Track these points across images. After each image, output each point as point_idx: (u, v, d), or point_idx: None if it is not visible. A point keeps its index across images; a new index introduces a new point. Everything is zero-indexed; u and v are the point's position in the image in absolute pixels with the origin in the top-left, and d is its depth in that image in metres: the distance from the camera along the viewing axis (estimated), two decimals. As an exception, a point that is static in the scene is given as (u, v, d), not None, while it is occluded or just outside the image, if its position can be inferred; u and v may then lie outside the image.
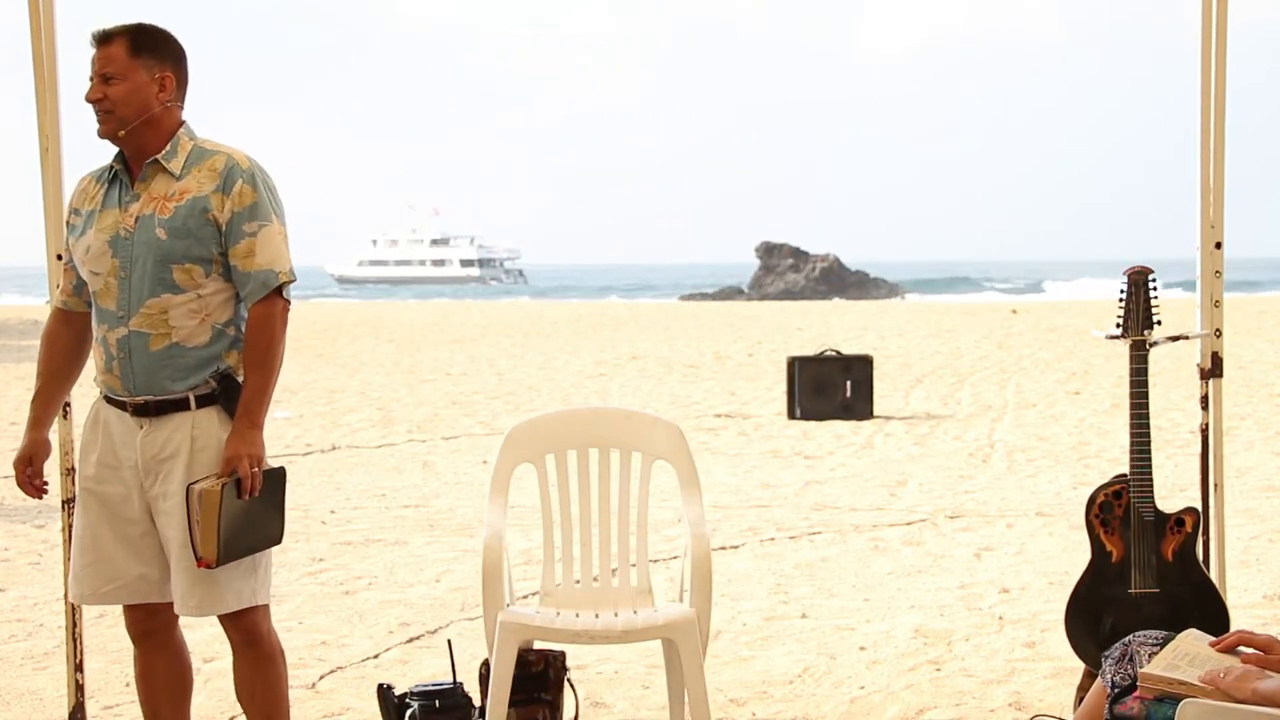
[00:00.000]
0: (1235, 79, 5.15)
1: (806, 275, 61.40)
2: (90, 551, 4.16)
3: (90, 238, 4.11)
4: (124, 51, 4.06)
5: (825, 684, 5.76)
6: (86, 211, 4.16)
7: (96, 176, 4.21)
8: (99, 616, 6.84)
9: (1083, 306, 32.66)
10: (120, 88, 4.05)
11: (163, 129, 4.10)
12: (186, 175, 4.09)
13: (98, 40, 4.10)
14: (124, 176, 4.13)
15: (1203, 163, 5.17)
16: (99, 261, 4.10)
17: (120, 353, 4.11)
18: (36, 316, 29.34)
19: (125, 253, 4.06)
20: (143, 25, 4.13)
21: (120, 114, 4.06)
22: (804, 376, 14.45)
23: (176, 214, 4.05)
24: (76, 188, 4.24)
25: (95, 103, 4.08)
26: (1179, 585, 4.97)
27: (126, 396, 4.11)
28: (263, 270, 4.07)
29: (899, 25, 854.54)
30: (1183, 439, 12.18)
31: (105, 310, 4.12)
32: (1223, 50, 5.13)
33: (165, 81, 4.09)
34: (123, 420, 4.13)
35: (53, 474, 4.45)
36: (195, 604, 4.11)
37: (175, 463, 4.07)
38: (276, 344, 4.10)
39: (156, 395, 4.08)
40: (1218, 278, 5.21)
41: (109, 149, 4.17)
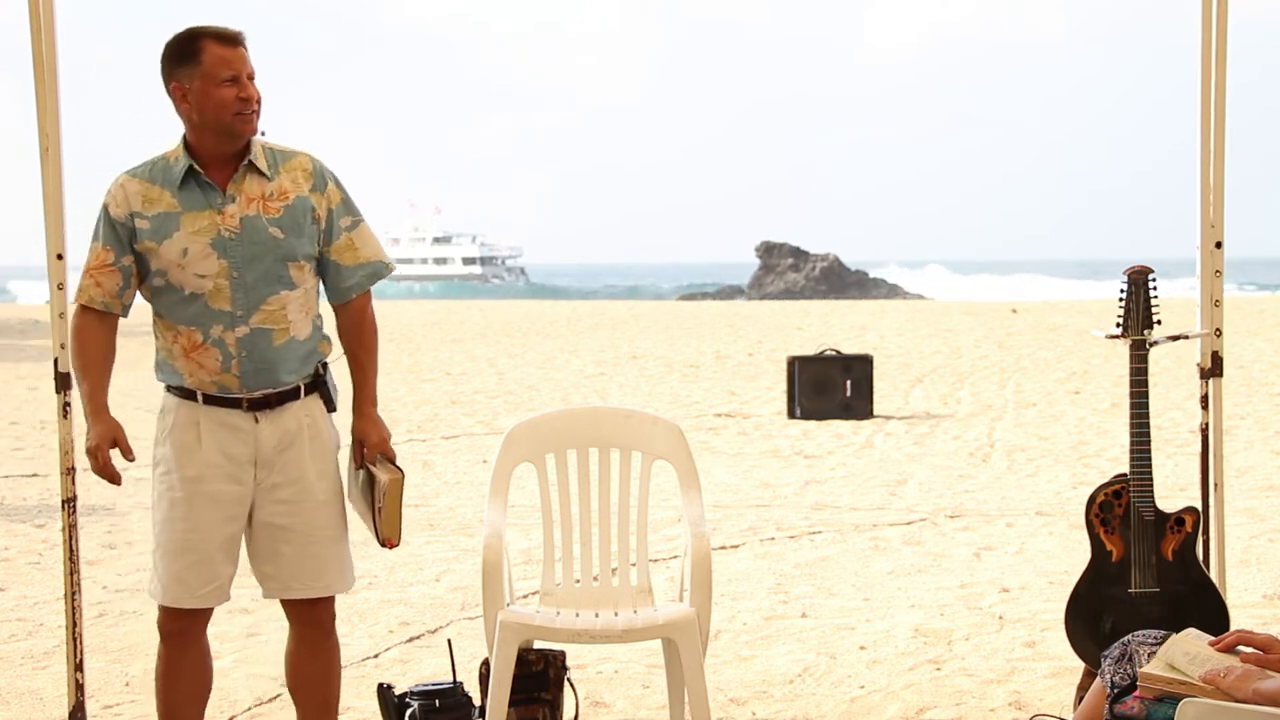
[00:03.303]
0: (1236, 77, 5.15)
1: (806, 275, 61.39)
2: (193, 552, 4.20)
3: (183, 240, 4.11)
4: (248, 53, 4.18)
5: (825, 683, 5.76)
6: (156, 214, 4.13)
7: (147, 178, 4.17)
8: (99, 616, 6.85)
9: (1083, 306, 32.64)
10: (258, 88, 4.19)
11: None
12: (277, 176, 4.19)
13: (235, 41, 4.14)
14: (204, 178, 4.14)
15: (1203, 162, 5.17)
16: (204, 264, 4.12)
17: (241, 351, 4.16)
18: (36, 316, 29.32)
19: (236, 253, 4.13)
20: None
21: (259, 113, 4.17)
22: (804, 376, 14.45)
23: (286, 214, 4.18)
24: (121, 191, 4.16)
25: (250, 101, 4.15)
26: (1179, 585, 4.97)
27: (243, 393, 4.17)
28: (370, 263, 4.30)
29: (899, 25, 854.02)
30: (1183, 439, 12.18)
31: (217, 311, 4.14)
32: (1223, 48, 5.13)
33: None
34: (233, 416, 4.19)
35: (52, 474, 4.47)
36: (325, 584, 4.27)
37: (295, 451, 4.23)
38: (377, 331, 4.43)
39: (274, 388, 4.19)
40: (1218, 277, 5.21)
41: (109, 149, 4.19)
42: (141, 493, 10.64)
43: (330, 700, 4.42)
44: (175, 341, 4.21)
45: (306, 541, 4.23)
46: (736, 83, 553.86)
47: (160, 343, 4.26)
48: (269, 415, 4.19)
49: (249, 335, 4.16)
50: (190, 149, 4.17)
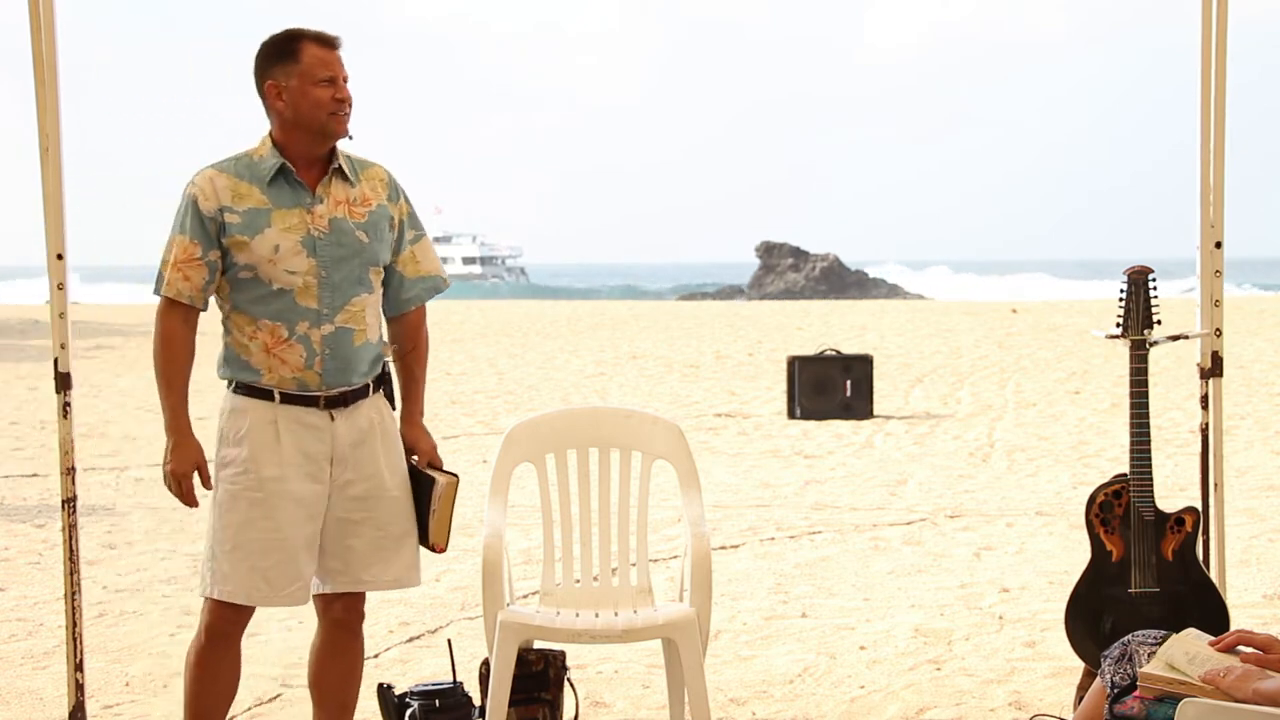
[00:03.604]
0: (1236, 77, 5.15)
1: (806, 275, 61.37)
2: (279, 551, 4.18)
3: (275, 237, 4.14)
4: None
5: (825, 683, 5.76)
6: (246, 209, 4.14)
7: (234, 173, 4.16)
8: (99, 616, 6.85)
9: (1083, 306, 32.65)
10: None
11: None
12: (359, 183, 4.27)
13: (333, 44, 4.21)
14: (295, 177, 4.18)
15: (1203, 162, 5.17)
16: (294, 261, 4.15)
17: (324, 349, 4.20)
18: (36, 316, 29.32)
19: (325, 253, 4.18)
20: None
21: (350, 115, 4.22)
22: (804, 376, 14.45)
23: (370, 220, 4.26)
24: (210, 185, 4.15)
25: (345, 102, 4.19)
26: (1179, 585, 4.97)
27: (321, 391, 4.20)
28: (431, 276, 4.41)
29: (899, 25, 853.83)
30: (1183, 439, 12.18)
31: (304, 308, 4.17)
32: (1223, 48, 5.13)
33: None
34: (309, 415, 4.20)
35: (52, 474, 4.46)
36: (394, 577, 4.32)
37: (367, 447, 4.26)
38: (429, 343, 4.52)
39: (349, 387, 4.23)
40: (1218, 277, 5.21)
41: (109, 149, 4.20)
42: (142, 493, 10.71)
43: (351, 701, 4.44)
44: (254, 337, 4.20)
45: (378, 536, 4.28)
46: (736, 83, 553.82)
47: (234, 338, 4.24)
48: (343, 413, 4.23)
49: (333, 334, 4.21)
50: (279, 148, 4.19)
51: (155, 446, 13.44)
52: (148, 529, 9.02)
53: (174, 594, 7.37)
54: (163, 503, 9.95)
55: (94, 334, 25.44)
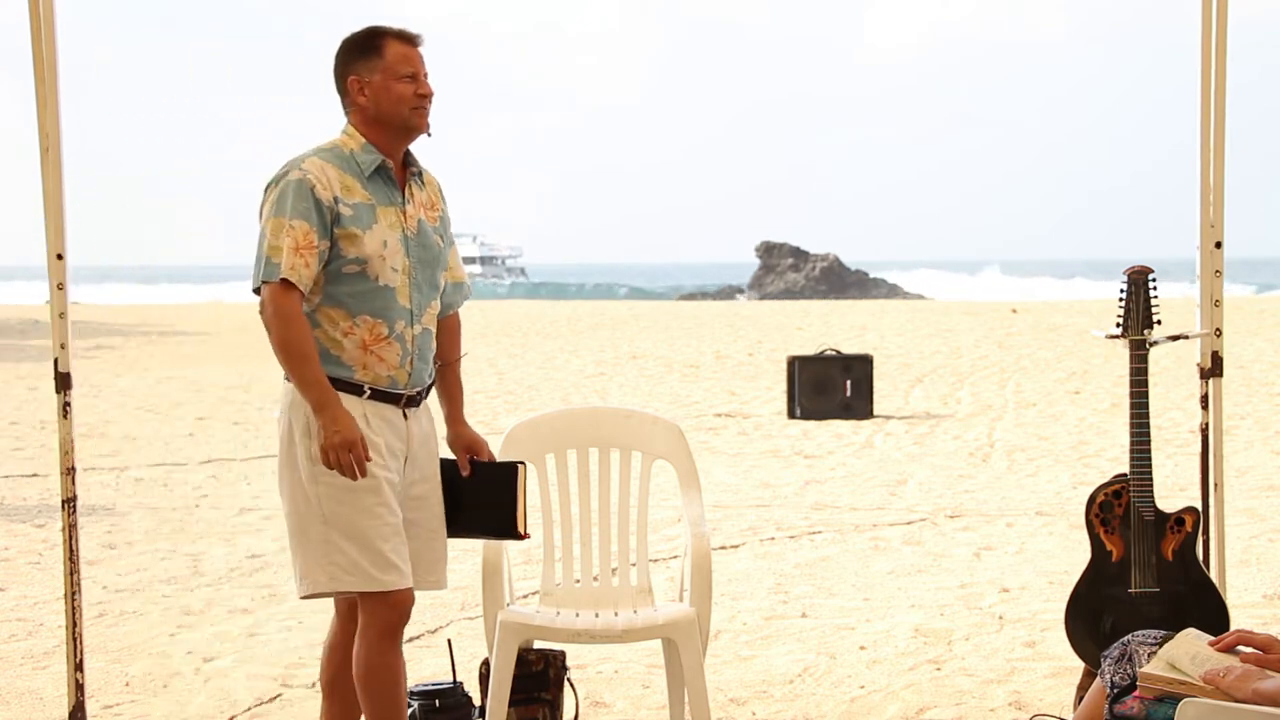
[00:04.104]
0: (1236, 77, 5.15)
1: (806, 275, 61.39)
2: (397, 535, 4.13)
3: (383, 232, 4.13)
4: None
5: (825, 683, 5.76)
6: (355, 203, 4.11)
7: (338, 165, 4.13)
8: (99, 616, 6.85)
9: (1083, 306, 32.65)
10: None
11: None
12: (425, 187, 4.32)
13: (415, 41, 4.21)
14: (391, 175, 4.19)
15: (1203, 162, 5.17)
16: (397, 258, 4.17)
17: (414, 348, 4.22)
18: (36, 316, 29.32)
19: (415, 253, 4.21)
20: None
21: (429, 110, 4.24)
22: (804, 376, 14.45)
23: (441, 224, 4.35)
24: (324, 174, 4.08)
25: (427, 97, 4.21)
26: (1179, 585, 4.97)
27: (405, 390, 4.20)
28: (464, 282, 4.47)
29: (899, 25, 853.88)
30: (1183, 439, 12.18)
31: (400, 307, 4.17)
32: (1223, 48, 5.13)
33: None
34: (390, 412, 4.19)
35: (52, 474, 4.45)
36: (437, 578, 4.36)
37: (429, 447, 4.31)
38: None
39: (423, 386, 4.27)
40: (1218, 277, 5.21)
41: (109, 149, 4.19)
42: (142, 493, 10.71)
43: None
44: (350, 334, 4.13)
45: (431, 536, 4.30)
46: (736, 83, 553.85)
47: (326, 332, 4.13)
48: (414, 413, 4.25)
49: (421, 334, 4.24)
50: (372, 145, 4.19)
51: (155, 446, 13.48)
52: (148, 529, 9.02)
53: (174, 594, 7.38)
54: (162, 503, 9.95)
55: (94, 334, 25.43)
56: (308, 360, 4.08)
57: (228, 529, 9.04)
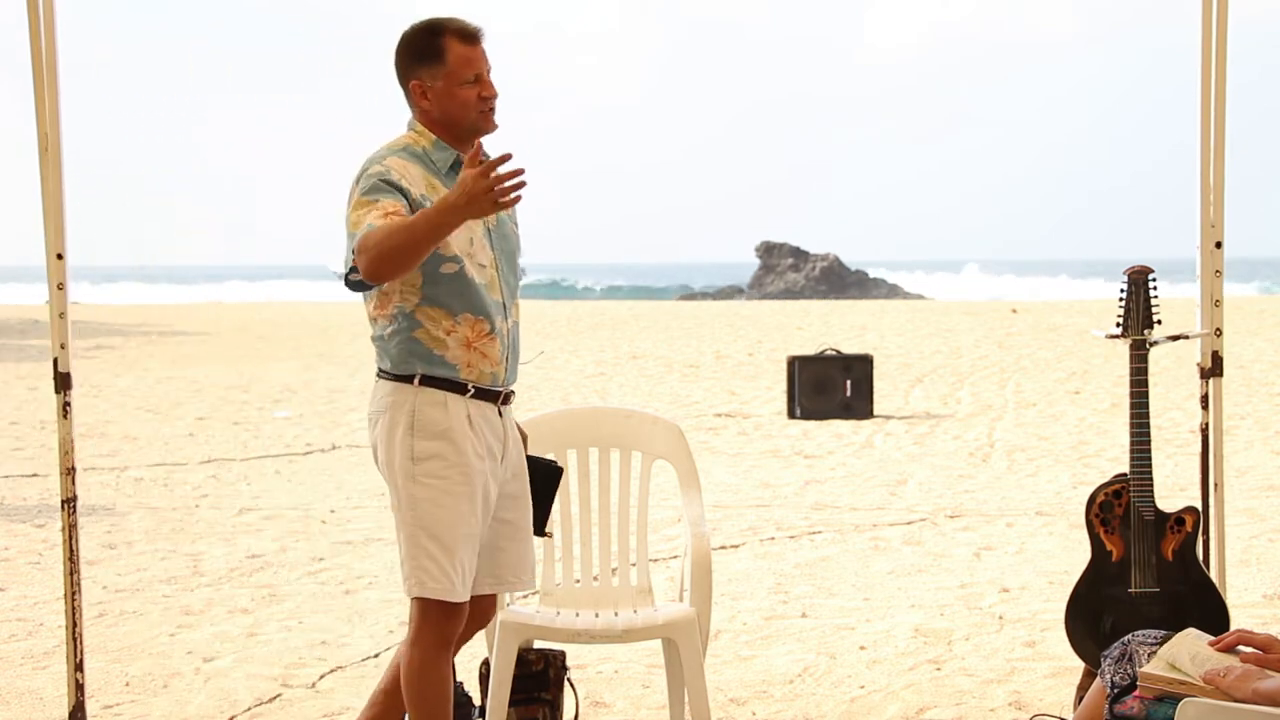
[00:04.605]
0: (1236, 77, 5.15)
1: (806, 275, 61.36)
2: (477, 543, 4.12)
3: (469, 227, 4.06)
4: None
5: (825, 683, 5.76)
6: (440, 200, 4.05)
7: (417, 161, 4.07)
8: (99, 616, 6.85)
9: (1083, 306, 32.65)
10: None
11: None
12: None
13: (476, 38, 4.12)
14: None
15: (1203, 162, 5.17)
16: (484, 253, 4.13)
17: (510, 342, 4.20)
18: (36, 316, 29.32)
19: (498, 245, 4.18)
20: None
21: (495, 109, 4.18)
22: (804, 376, 14.45)
23: (513, 216, 4.29)
24: (406, 171, 4.02)
25: (492, 100, 4.14)
26: (1179, 584, 4.97)
27: (501, 387, 4.19)
28: (522, 268, 4.40)
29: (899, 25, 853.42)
30: (1183, 438, 12.18)
31: (495, 302, 4.14)
32: (1223, 48, 5.13)
33: None
34: (489, 410, 4.16)
35: (52, 474, 4.44)
36: (528, 579, 4.34)
37: (518, 444, 4.30)
38: None
39: (514, 383, 4.25)
40: (1218, 277, 5.21)
41: (109, 149, 4.17)
42: (141, 493, 10.70)
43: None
44: (452, 332, 4.08)
45: (523, 536, 4.28)
46: (736, 83, 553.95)
47: (429, 332, 4.05)
48: (506, 410, 4.23)
49: (513, 328, 4.22)
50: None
51: (155, 446, 13.49)
52: (148, 529, 9.02)
53: (174, 594, 7.38)
54: (162, 503, 9.95)
55: (94, 334, 25.43)
56: (404, 223, 3.80)
57: (228, 529, 9.04)
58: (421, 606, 4.08)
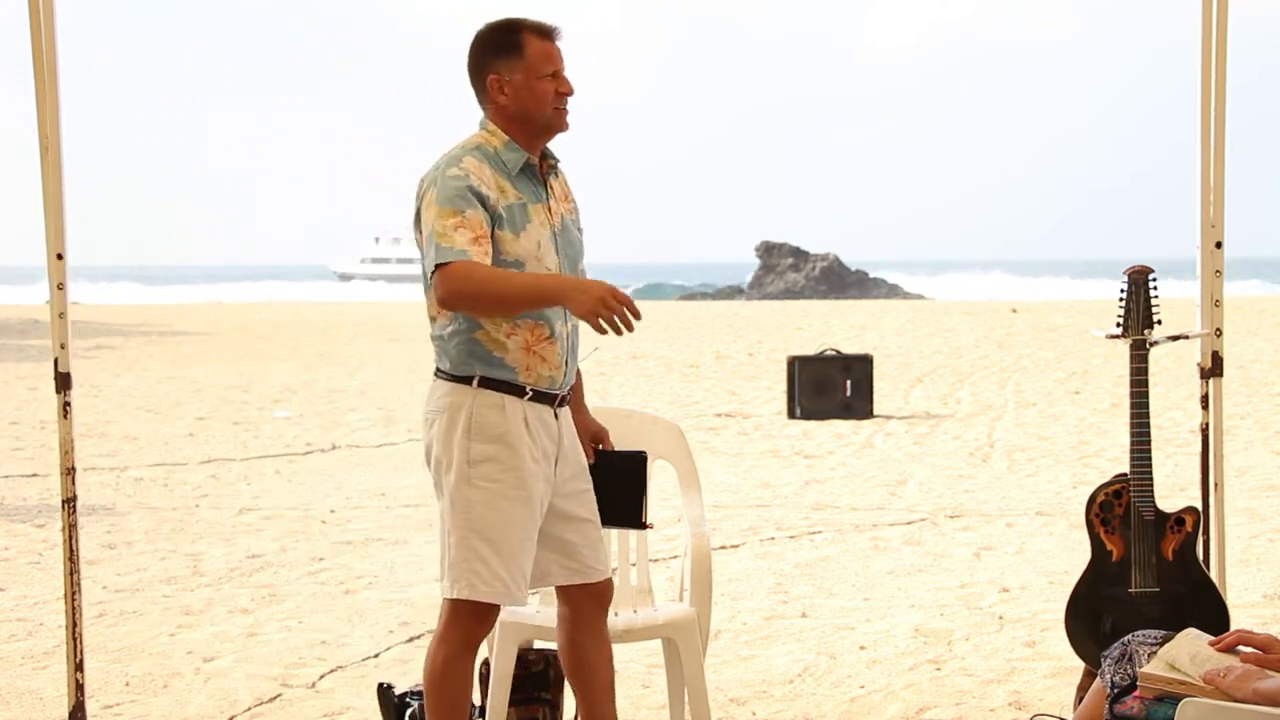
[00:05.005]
0: (1236, 77, 5.15)
1: (806, 275, 61.36)
2: (531, 551, 4.12)
3: (535, 231, 4.07)
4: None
5: (825, 683, 5.77)
6: (509, 205, 4.05)
7: (488, 161, 4.06)
8: (99, 616, 6.85)
9: (1083, 306, 32.65)
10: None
11: None
12: (560, 178, 4.27)
13: (554, 35, 4.13)
14: (535, 171, 4.14)
15: (1203, 162, 5.17)
16: (549, 257, 4.11)
17: (570, 346, 4.20)
18: (36, 316, 29.33)
19: (563, 250, 4.16)
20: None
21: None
22: (804, 376, 14.45)
23: (576, 215, 4.29)
24: (480, 173, 4.02)
25: (568, 96, 4.15)
26: (1179, 584, 4.97)
27: (560, 389, 4.18)
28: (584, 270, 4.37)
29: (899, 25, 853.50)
30: (1183, 438, 12.18)
31: (557, 306, 4.11)
32: (1223, 48, 5.13)
33: None
34: (546, 413, 4.14)
35: (52, 474, 4.43)
36: (607, 565, 4.33)
37: (575, 441, 4.27)
38: None
39: (571, 385, 4.25)
40: (1218, 277, 5.21)
41: (109, 149, 4.17)
42: (141, 493, 10.70)
43: (613, 682, 4.38)
44: (513, 335, 4.06)
45: (594, 528, 4.27)
46: (736, 83, 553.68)
47: (489, 334, 4.04)
48: (562, 411, 4.22)
49: (573, 332, 4.21)
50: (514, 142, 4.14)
51: (155, 446, 13.48)
52: (148, 529, 9.02)
53: (174, 594, 7.38)
54: (162, 503, 9.95)
55: (94, 334, 25.43)
56: (509, 279, 3.93)
57: (228, 529, 9.04)
58: (453, 607, 4.08)
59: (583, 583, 4.27)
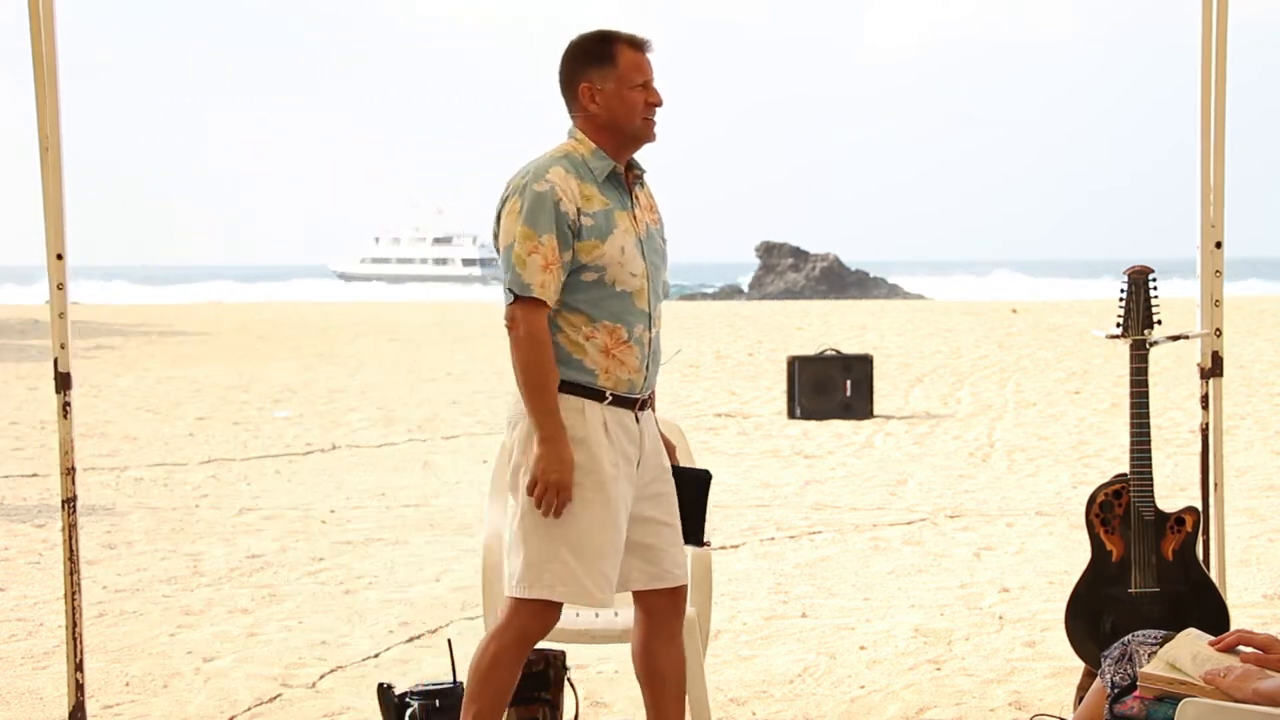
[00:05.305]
0: (1236, 77, 5.15)
1: (806, 275, 61.35)
2: (616, 554, 4.14)
3: (620, 238, 4.12)
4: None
5: (825, 683, 5.77)
6: (595, 211, 4.10)
7: (577, 174, 4.12)
8: (99, 616, 6.85)
9: (1083, 306, 32.65)
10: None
11: None
12: (646, 188, 4.31)
13: (646, 47, 4.22)
14: (622, 179, 4.19)
15: (1203, 162, 5.17)
16: (635, 263, 4.15)
17: (651, 351, 4.22)
18: (36, 316, 29.33)
19: (648, 257, 4.21)
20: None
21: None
22: (804, 376, 14.45)
23: (661, 224, 4.33)
24: (566, 186, 4.07)
25: (657, 107, 4.21)
26: (1179, 585, 4.97)
27: (640, 394, 4.21)
28: (667, 282, 4.40)
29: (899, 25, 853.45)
30: (1183, 438, 12.18)
31: (639, 311, 4.16)
32: (1223, 48, 5.13)
33: None
34: (626, 417, 4.17)
35: (52, 474, 4.43)
36: (685, 570, 4.34)
37: (658, 444, 4.28)
38: None
39: (652, 389, 4.27)
40: (1218, 277, 5.21)
41: (109, 149, 4.17)
42: (141, 493, 10.71)
43: (684, 688, 4.42)
44: (590, 338, 4.11)
45: (673, 530, 4.29)
46: (736, 83, 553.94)
47: (568, 336, 4.11)
48: (644, 415, 4.24)
49: (655, 337, 4.24)
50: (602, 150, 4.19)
51: (155, 446, 13.46)
52: (148, 529, 9.02)
53: (174, 594, 7.38)
54: (162, 503, 9.96)
55: (94, 334, 25.43)
56: (546, 390, 4.05)
57: (228, 529, 9.04)
58: (515, 604, 4.13)
59: (660, 587, 4.29)
